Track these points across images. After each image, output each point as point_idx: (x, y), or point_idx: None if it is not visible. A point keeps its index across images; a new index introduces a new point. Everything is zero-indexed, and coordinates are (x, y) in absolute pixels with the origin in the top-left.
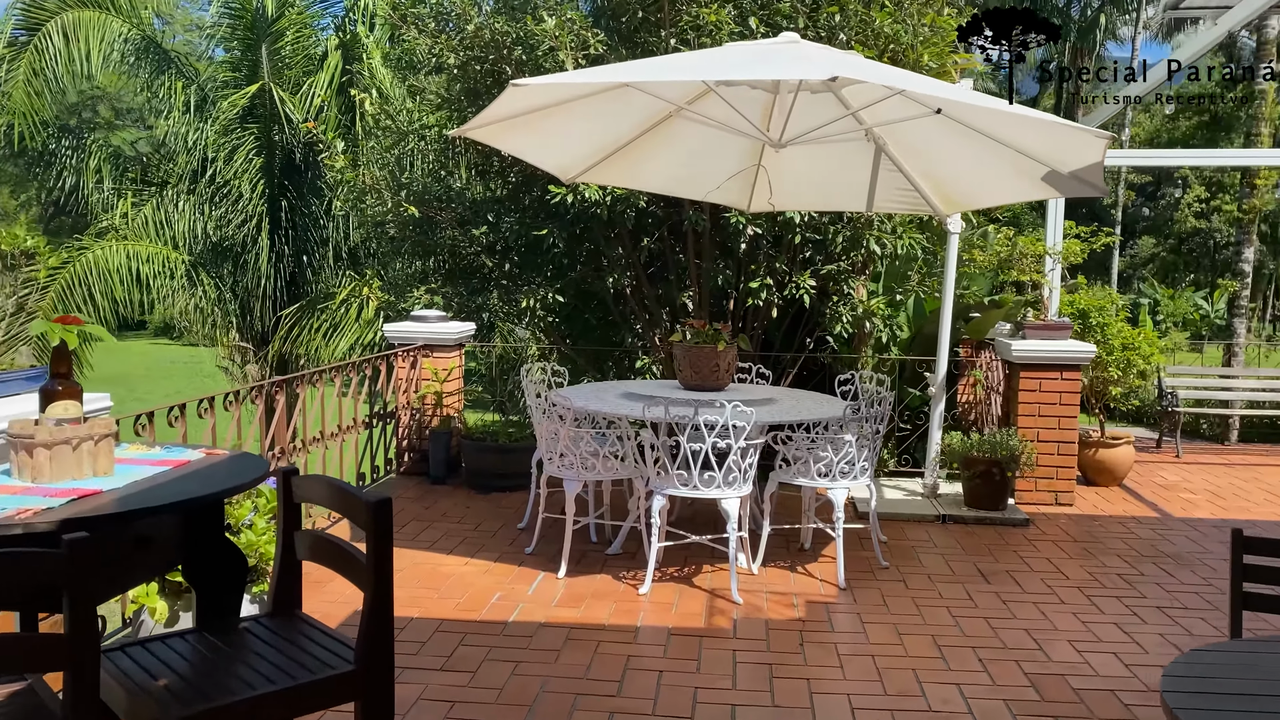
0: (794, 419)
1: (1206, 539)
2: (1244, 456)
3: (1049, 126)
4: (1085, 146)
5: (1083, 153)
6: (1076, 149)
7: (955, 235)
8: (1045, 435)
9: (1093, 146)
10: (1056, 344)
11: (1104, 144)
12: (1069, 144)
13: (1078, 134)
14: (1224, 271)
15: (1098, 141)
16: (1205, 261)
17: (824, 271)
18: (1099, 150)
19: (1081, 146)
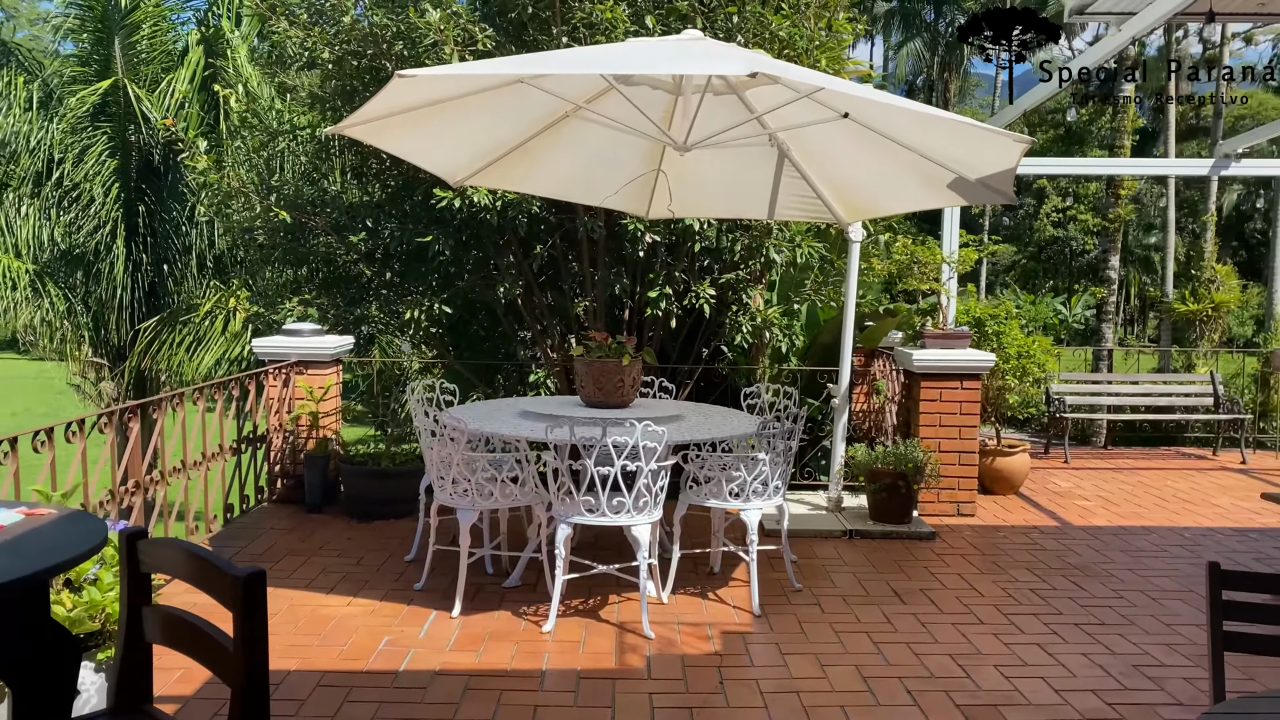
0: (706, 437)
1: (1108, 548)
2: (1126, 460)
3: (966, 130)
4: (1001, 151)
5: (997, 158)
6: (991, 154)
7: (857, 244)
8: (947, 445)
9: (1009, 151)
10: (956, 353)
11: (1021, 149)
12: (983, 149)
13: (995, 138)
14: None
15: (1015, 146)
16: (1063, 268)
17: (723, 280)
18: (1014, 155)
19: (997, 151)
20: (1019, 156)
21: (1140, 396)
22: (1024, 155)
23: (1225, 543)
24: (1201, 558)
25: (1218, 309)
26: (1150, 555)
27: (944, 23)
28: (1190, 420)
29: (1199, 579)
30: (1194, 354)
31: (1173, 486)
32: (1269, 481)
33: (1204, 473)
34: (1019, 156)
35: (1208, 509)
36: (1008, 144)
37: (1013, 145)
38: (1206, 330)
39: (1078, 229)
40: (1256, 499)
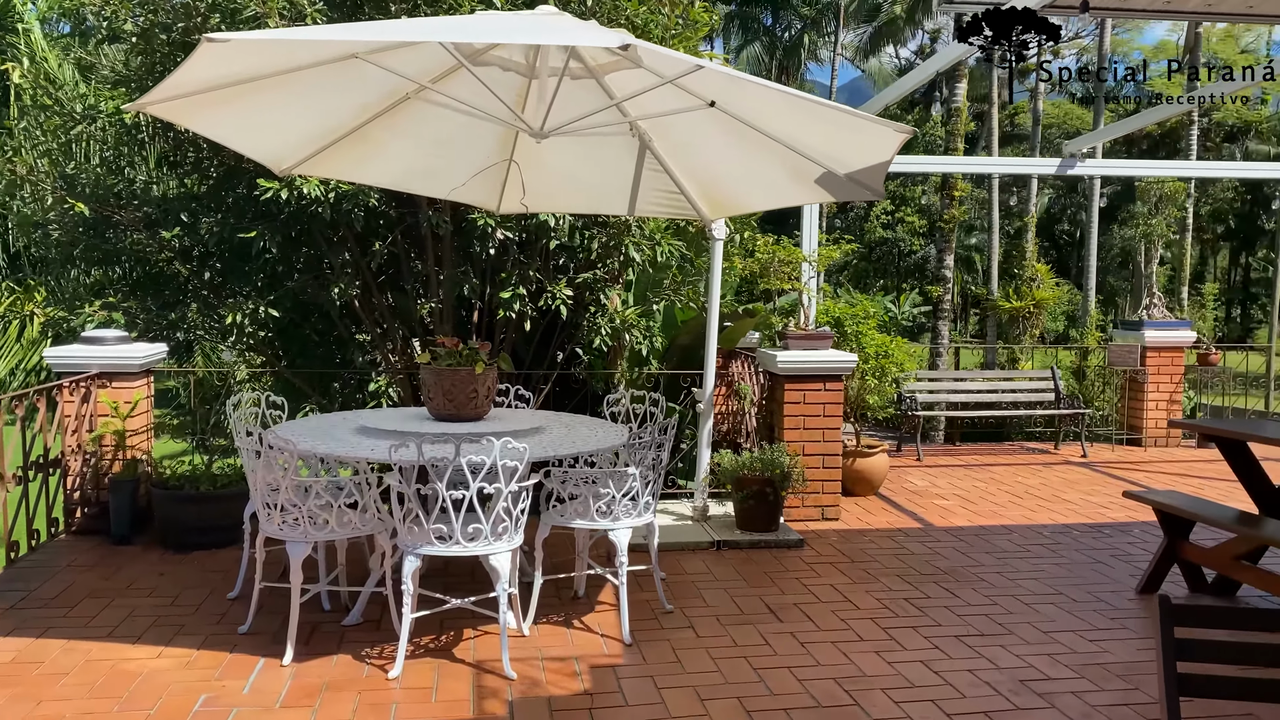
0: (573, 451)
1: (973, 550)
2: (974, 456)
3: (845, 120)
4: (877, 143)
5: (873, 151)
6: (867, 147)
7: (720, 241)
8: (811, 448)
9: (886, 143)
10: (820, 354)
11: (899, 140)
12: (860, 141)
13: (876, 129)
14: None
15: (894, 137)
16: (892, 268)
17: (580, 280)
18: (890, 148)
19: (873, 143)
20: (895, 149)
21: (987, 393)
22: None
23: (1083, 540)
24: (1062, 555)
25: (1039, 306)
26: (1014, 556)
27: (781, 27)
28: (1033, 415)
29: (1066, 580)
30: (1017, 349)
31: (1024, 482)
32: (1111, 474)
33: (1050, 467)
34: (895, 149)
35: (1060, 505)
36: (887, 135)
37: (892, 136)
38: (1028, 326)
39: (905, 230)
40: (1105, 493)
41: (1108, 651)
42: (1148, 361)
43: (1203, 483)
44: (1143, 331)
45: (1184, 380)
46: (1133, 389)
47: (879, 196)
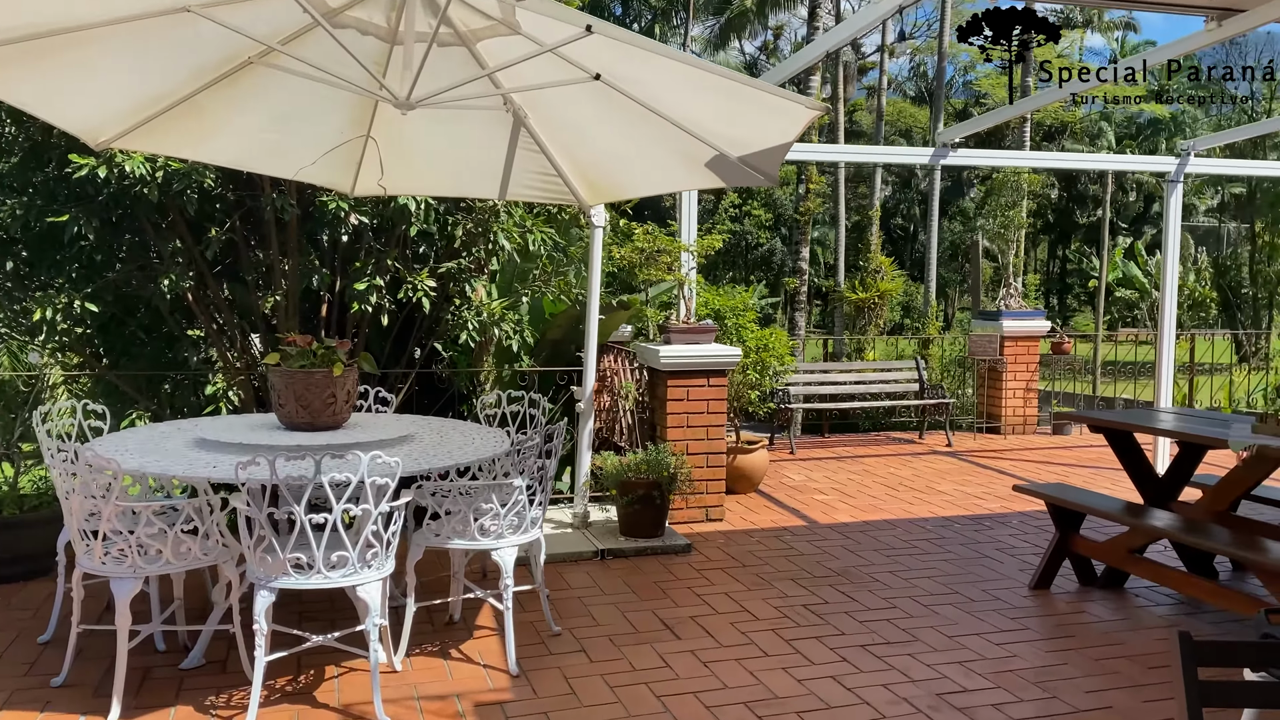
0: (452, 464)
1: (862, 548)
2: (845, 448)
3: (748, 96)
4: (781, 122)
5: (774, 130)
6: (768, 127)
7: (600, 229)
8: (695, 448)
9: (791, 122)
10: (703, 348)
11: (807, 119)
12: (761, 121)
13: (783, 106)
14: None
15: (803, 115)
16: (740, 260)
17: (442, 270)
18: (797, 126)
19: (775, 123)
20: (802, 128)
21: (857, 384)
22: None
23: (965, 533)
24: (950, 551)
25: (883, 297)
26: (903, 553)
27: (631, 17)
28: (901, 406)
29: (959, 578)
30: (864, 339)
31: (897, 474)
32: (978, 463)
33: (919, 457)
34: (802, 128)
35: (936, 497)
36: (795, 113)
37: (800, 114)
38: (873, 317)
39: (753, 224)
40: (976, 483)
41: (1017, 656)
42: (1005, 351)
43: (1067, 469)
44: (1001, 321)
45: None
46: (992, 378)
47: (772, 182)
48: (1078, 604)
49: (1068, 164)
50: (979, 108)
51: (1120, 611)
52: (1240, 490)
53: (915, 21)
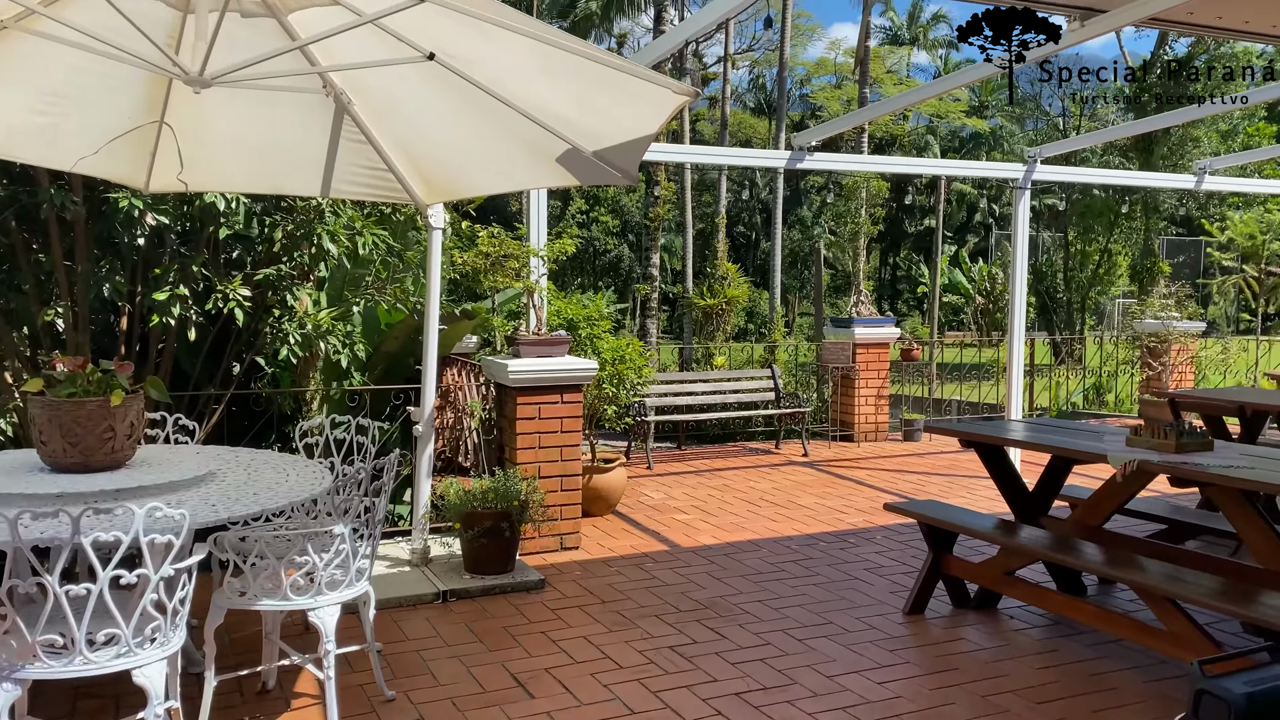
0: (256, 509)
1: (727, 573)
2: (703, 461)
3: (611, 79)
4: (644, 110)
5: (636, 119)
6: (630, 116)
7: (439, 231)
8: (548, 470)
9: (655, 109)
10: (557, 361)
11: (674, 105)
12: (621, 110)
13: (648, 90)
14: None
15: (670, 100)
16: (588, 266)
17: (260, 277)
18: (661, 115)
19: (638, 111)
20: (667, 117)
21: (713, 394)
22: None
23: (831, 551)
24: (818, 573)
25: (730, 303)
26: (770, 578)
27: None
28: (757, 416)
29: (831, 604)
30: (712, 345)
31: (757, 487)
32: (835, 474)
33: (777, 469)
34: (667, 117)
35: (799, 512)
36: (661, 99)
37: (667, 100)
38: (721, 323)
39: (600, 230)
40: (837, 495)
41: (901, 697)
42: (858, 358)
43: (923, 478)
44: (853, 329)
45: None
46: (845, 385)
47: (631, 181)
48: (954, 630)
49: (921, 169)
50: (815, 120)
51: (997, 636)
52: (1115, 505)
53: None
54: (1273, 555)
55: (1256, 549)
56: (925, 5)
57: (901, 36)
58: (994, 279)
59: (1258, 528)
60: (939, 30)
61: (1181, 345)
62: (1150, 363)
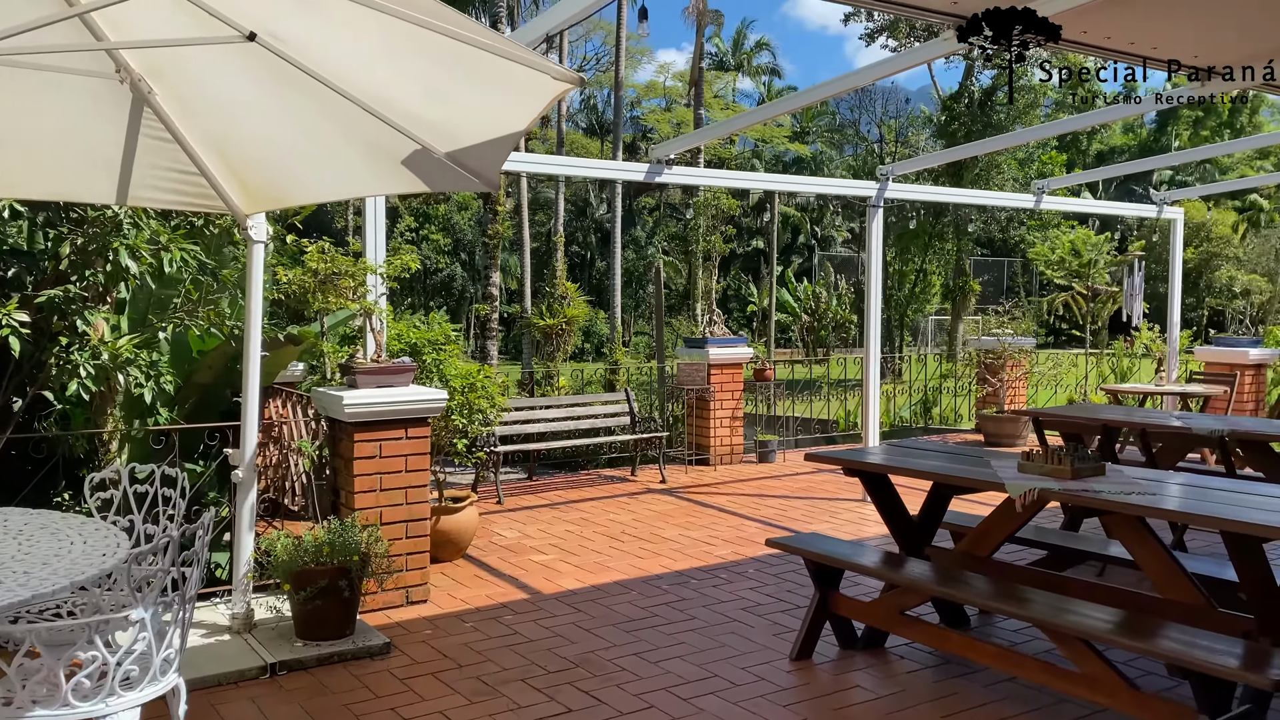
0: (21, 597)
1: (596, 622)
2: (557, 492)
3: (473, 60)
4: (513, 100)
5: (503, 113)
6: (494, 108)
7: (261, 245)
8: (392, 515)
9: (527, 101)
10: (399, 392)
11: (554, 93)
12: (485, 100)
13: (518, 75)
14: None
15: (549, 88)
16: (419, 286)
17: (42, 299)
18: (535, 106)
19: (507, 102)
20: (539, 111)
21: (565, 420)
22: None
23: (704, 590)
24: (694, 616)
25: (570, 323)
26: (644, 624)
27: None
28: (612, 442)
29: (713, 653)
30: (552, 366)
31: (617, 520)
32: (695, 500)
33: (635, 498)
34: (539, 111)
35: (664, 546)
36: (534, 87)
37: (544, 88)
38: (561, 343)
39: (430, 248)
40: (701, 525)
41: None
42: (713, 379)
43: (784, 502)
44: (708, 349)
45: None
46: (700, 407)
47: (492, 188)
48: (846, 675)
49: (777, 186)
50: (646, 141)
51: (892, 681)
52: (1004, 535)
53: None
54: (1171, 583)
55: (1155, 577)
56: (749, 33)
57: (727, 63)
58: (818, 298)
59: (1156, 555)
60: (762, 57)
61: (1015, 361)
62: (988, 379)
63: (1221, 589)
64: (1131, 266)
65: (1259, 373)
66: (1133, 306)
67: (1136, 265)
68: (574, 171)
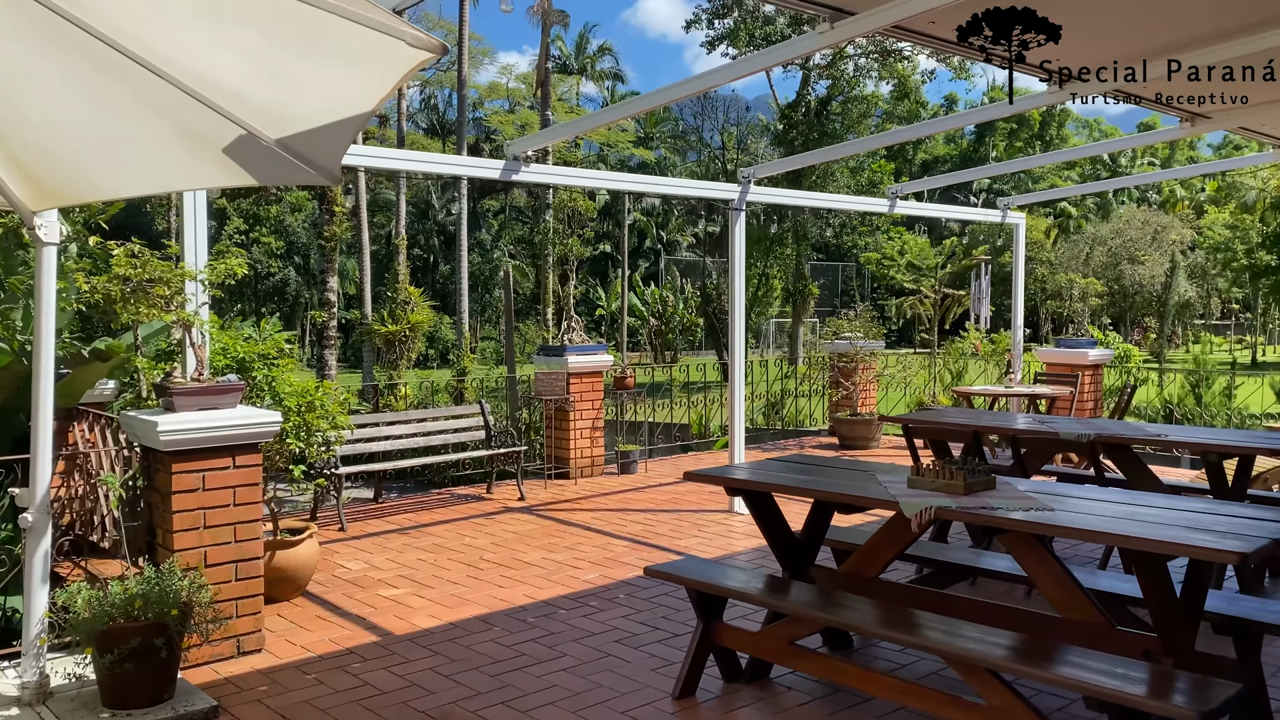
0: None
1: (457, 667)
2: (406, 515)
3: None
4: (359, 75)
5: (345, 91)
6: (337, 84)
7: (53, 247)
8: (218, 555)
9: (376, 75)
10: (225, 415)
11: (407, 65)
12: (326, 75)
13: (369, 41)
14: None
15: (405, 58)
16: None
17: None
18: (386, 81)
19: (353, 77)
20: (392, 86)
21: (416, 436)
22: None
23: (573, 620)
24: (564, 653)
25: (414, 329)
26: (510, 666)
27: None
28: (466, 458)
29: (590, 696)
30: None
31: (474, 545)
32: (557, 519)
33: (492, 518)
34: (392, 86)
35: (527, 572)
36: (387, 56)
37: (400, 56)
38: (405, 350)
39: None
40: (565, 547)
41: None
42: (572, 388)
43: (651, 516)
44: (566, 357)
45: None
46: (559, 418)
47: (332, 180)
48: (734, 713)
49: (639, 187)
50: (489, 143)
51: (782, 717)
52: (893, 554)
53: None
54: (1071, 603)
55: (1052, 596)
56: (592, 37)
57: (570, 66)
58: (665, 302)
59: (1055, 575)
60: (605, 62)
61: (866, 364)
62: (841, 382)
63: (1112, 603)
64: (978, 270)
65: (1097, 373)
66: (980, 309)
67: (983, 269)
68: (425, 167)
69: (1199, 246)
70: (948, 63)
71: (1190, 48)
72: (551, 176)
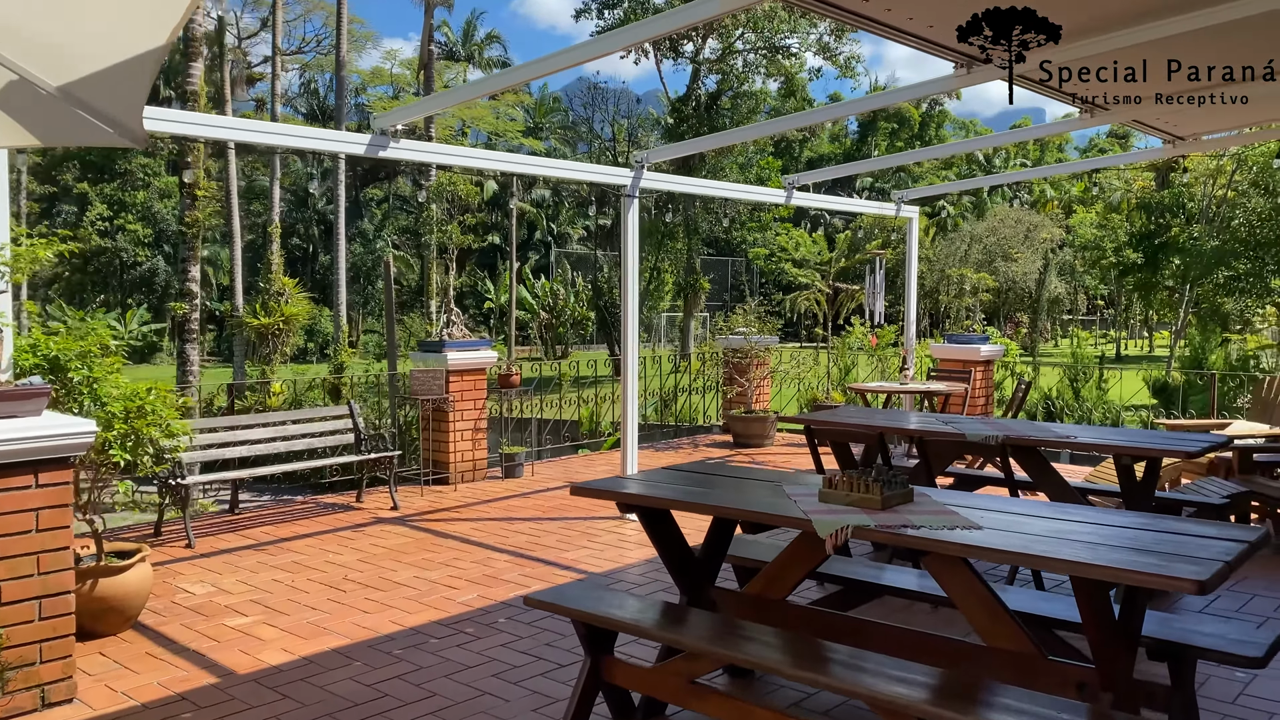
0: None
1: (306, 713)
2: (264, 528)
3: None
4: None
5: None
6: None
7: None
8: (15, 592)
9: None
10: (26, 425)
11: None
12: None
13: None
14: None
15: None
16: (114, 281)
17: None
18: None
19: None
20: (181, 17)
21: (277, 440)
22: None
23: (445, 651)
24: (435, 691)
25: (289, 322)
26: (369, 711)
27: None
28: (333, 465)
29: None
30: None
31: (338, 562)
32: (434, 531)
33: (361, 531)
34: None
35: (396, 594)
36: None
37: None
38: (279, 344)
39: (128, 239)
40: (440, 563)
41: None
42: (452, 387)
43: (536, 526)
44: (446, 353)
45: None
46: (438, 419)
47: (136, 142)
48: None
49: (523, 168)
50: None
51: None
52: (802, 574)
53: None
54: (998, 630)
55: (979, 623)
56: (479, 25)
57: (458, 53)
58: (556, 295)
59: (980, 599)
60: (493, 50)
61: (760, 360)
62: (736, 378)
63: (1039, 626)
64: (872, 265)
65: (988, 369)
66: (875, 304)
67: (877, 264)
68: (282, 140)
69: (1068, 245)
70: (834, 60)
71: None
72: (423, 154)
